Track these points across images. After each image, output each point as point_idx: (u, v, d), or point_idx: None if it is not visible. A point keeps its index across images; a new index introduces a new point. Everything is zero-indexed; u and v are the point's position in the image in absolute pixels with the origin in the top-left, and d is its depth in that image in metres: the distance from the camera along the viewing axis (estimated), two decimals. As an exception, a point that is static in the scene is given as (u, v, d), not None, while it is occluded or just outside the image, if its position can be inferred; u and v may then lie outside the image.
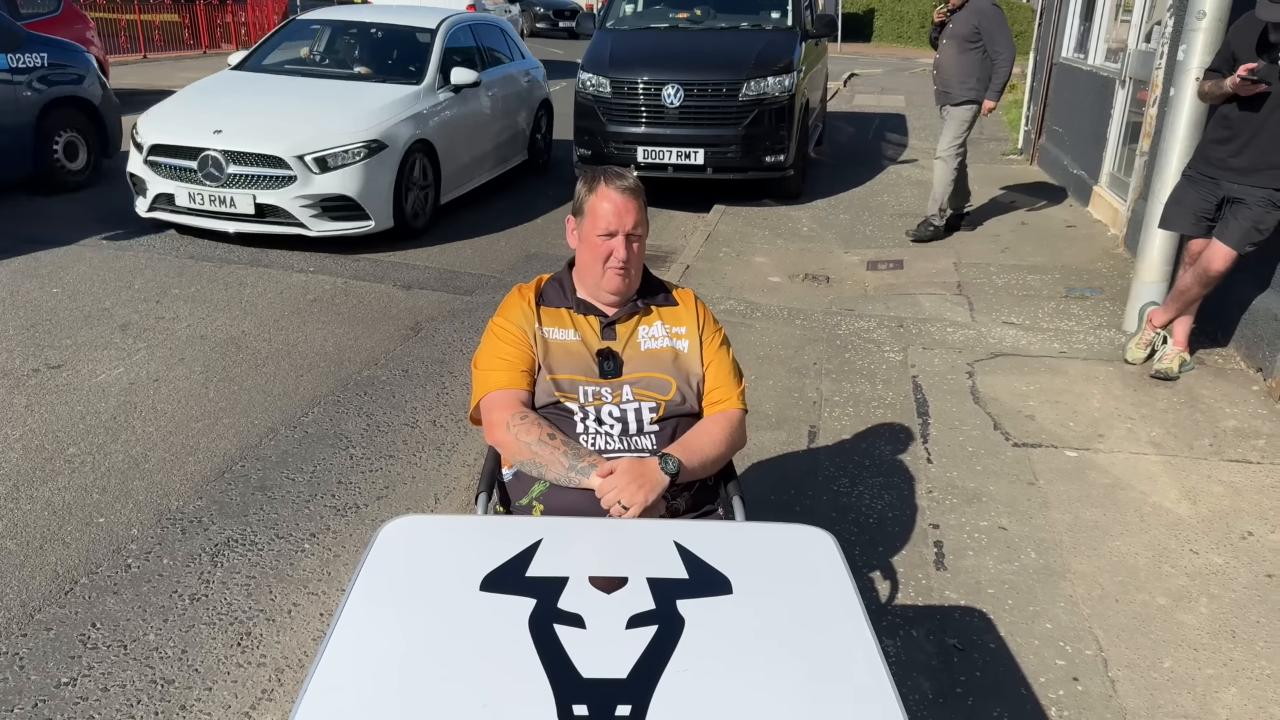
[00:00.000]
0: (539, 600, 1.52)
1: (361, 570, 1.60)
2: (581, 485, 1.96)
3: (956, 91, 6.80)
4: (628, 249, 2.12)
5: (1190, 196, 4.32)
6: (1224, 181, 4.15)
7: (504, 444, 2.07)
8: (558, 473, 1.99)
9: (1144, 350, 4.60)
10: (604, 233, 2.11)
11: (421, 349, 4.81)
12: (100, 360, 4.46)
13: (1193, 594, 2.93)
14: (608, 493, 1.92)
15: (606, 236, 2.11)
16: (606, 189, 2.12)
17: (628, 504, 1.90)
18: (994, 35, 6.58)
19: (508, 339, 2.15)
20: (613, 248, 2.11)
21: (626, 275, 2.14)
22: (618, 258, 2.11)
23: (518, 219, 7.52)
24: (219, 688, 2.51)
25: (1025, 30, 23.20)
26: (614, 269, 2.12)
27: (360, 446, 3.81)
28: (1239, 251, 4.12)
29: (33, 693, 2.45)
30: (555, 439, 2.01)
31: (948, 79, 6.85)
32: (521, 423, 2.04)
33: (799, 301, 5.60)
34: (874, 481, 3.57)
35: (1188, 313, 4.44)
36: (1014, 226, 7.41)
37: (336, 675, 1.36)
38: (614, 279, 2.14)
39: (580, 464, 1.97)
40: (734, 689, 1.36)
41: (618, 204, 2.11)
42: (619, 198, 2.11)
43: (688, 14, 8.67)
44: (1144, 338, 4.60)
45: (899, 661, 2.61)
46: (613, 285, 2.15)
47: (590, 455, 2.00)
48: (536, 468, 2.02)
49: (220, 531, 3.19)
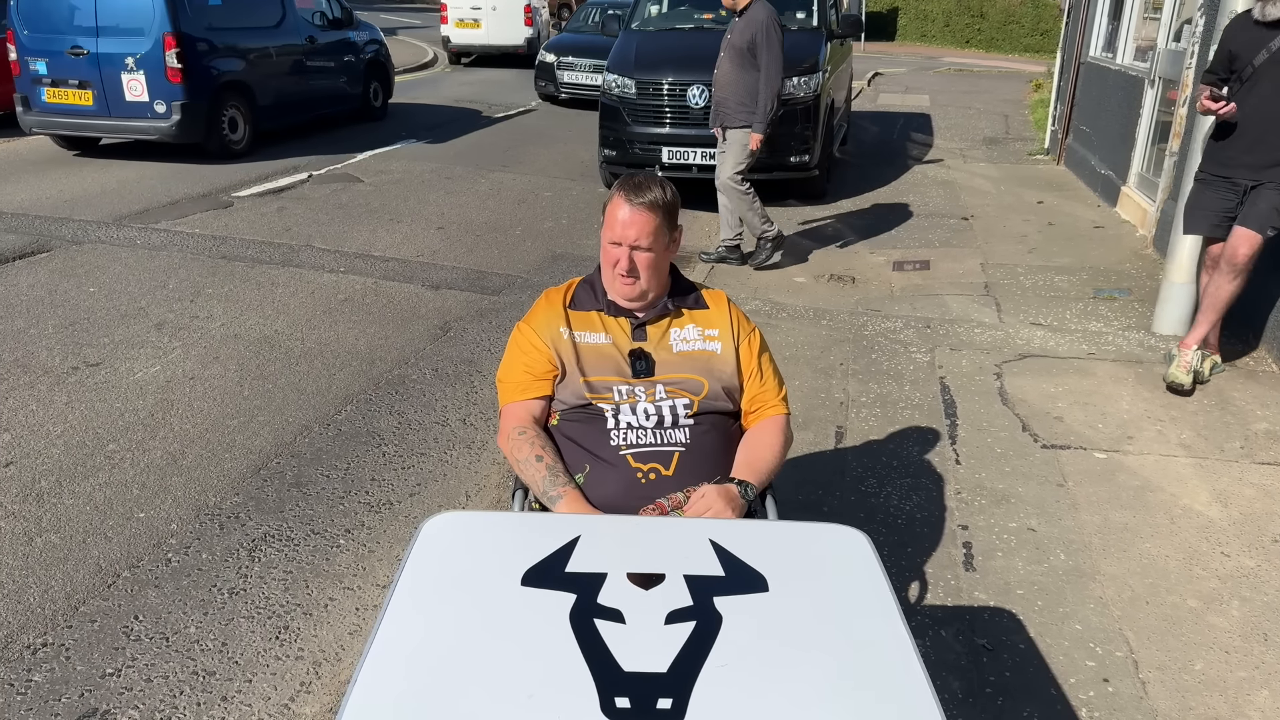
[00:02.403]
0: (579, 595, 1.55)
1: (406, 565, 1.64)
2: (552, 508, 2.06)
3: (734, 114, 5.92)
4: (631, 260, 2.14)
5: (1207, 198, 4.29)
6: (1238, 178, 4.15)
7: (505, 453, 2.20)
8: (536, 491, 2.10)
9: (1188, 373, 4.29)
10: (613, 240, 2.16)
11: (451, 348, 4.87)
12: (137, 358, 4.54)
13: (1224, 596, 2.92)
14: (703, 512, 1.98)
15: (614, 244, 2.16)
16: (622, 199, 2.16)
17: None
18: (760, 50, 5.74)
19: (525, 348, 2.21)
20: (618, 256, 2.15)
21: (634, 283, 2.17)
22: (621, 266, 2.15)
23: (542, 220, 7.57)
24: (258, 680, 2.57)
25: (1052, 29, 23.03)
26: (619, 275, 2.16)
27: (392, 444, 3.86)
28: (1262, 235, 4.09)
29: (79, 683, 2.52)
30: (541, 461, 2.09)
31: (725, 97, 5.96)
32: (519, 439, 2.14)
33: (825, 302, 5.61)
34: (902, 482, 3.58)
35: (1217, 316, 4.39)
36: (1041, 227, 7.37)
37: (385, 666, 1.40)
38: (619, 285, 2.18)
39: (553, 491, 2.05)
40: (773, 685, 1.38)
41: (627, 216, 2.14)
42: (630, 210, 2.14)
43: (713, 15, 8.68)
44: (1184, 361, 4.31)
45: (929, 662, 2.59)
46: (617, 291, 2.20)
47: (564, 486, 2.05)
48: (522, 478, 2.15)
49: (257, 527, 3.25)
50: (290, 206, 7.53)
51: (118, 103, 8.45)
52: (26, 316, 4.99)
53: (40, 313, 5.05)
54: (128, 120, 8.55)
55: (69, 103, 8.52)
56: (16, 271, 5.70)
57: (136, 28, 8.28)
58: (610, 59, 8.13)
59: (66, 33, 8.35)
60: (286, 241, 6.53)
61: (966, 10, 29.16)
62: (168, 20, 8.18)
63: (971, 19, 29.16)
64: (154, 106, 8.43)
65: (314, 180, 8.49)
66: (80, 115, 8.58)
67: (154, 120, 8.48)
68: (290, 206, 7.53)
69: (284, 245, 6.43)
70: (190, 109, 8.46)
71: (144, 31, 8.26)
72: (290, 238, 6.63)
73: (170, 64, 8.27)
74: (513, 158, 9.92)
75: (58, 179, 8.06)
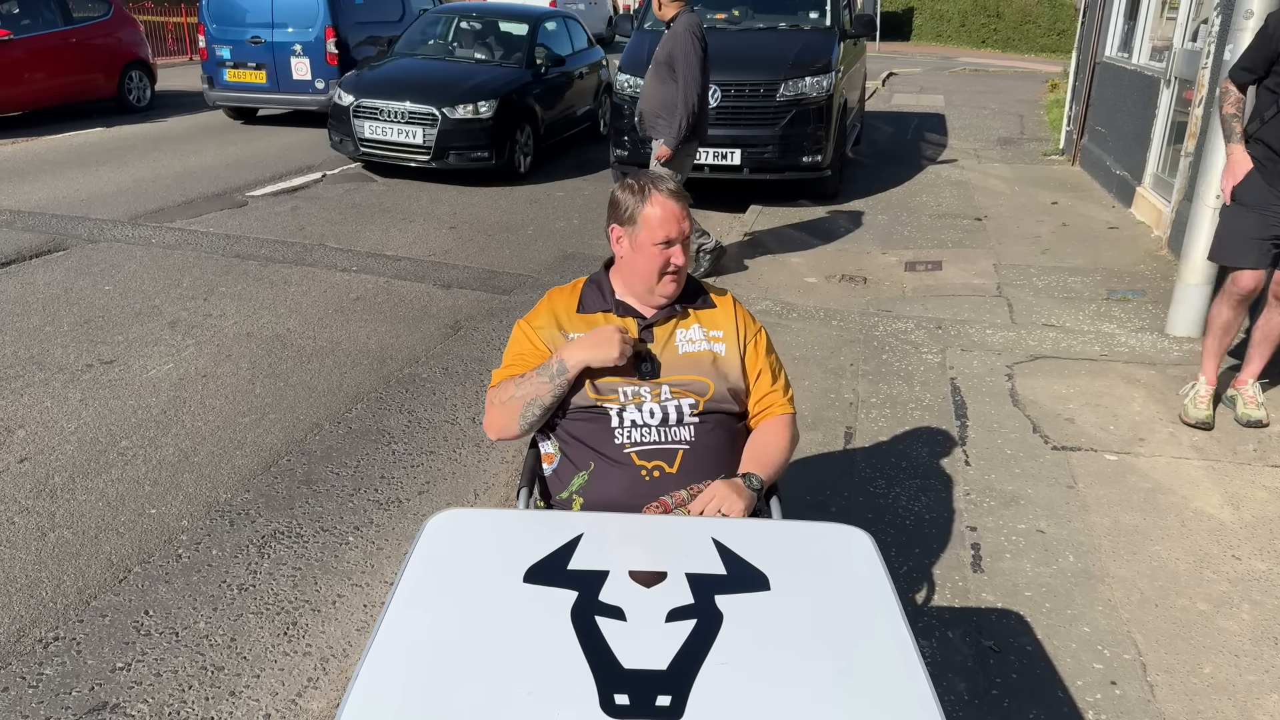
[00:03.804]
0: (580, 593, 1.56)
1: (409, 561, 1.65)
2: (567, 378, 2.06)
3: (655, 126, 5.66)
4: (685, 254, 2.15)
5: (1250, 223, 3.80)
6: None
7: (495, 420, 2.16)
8: (543, 390, 2.09)
9: (1258, 406, 4.01)
10: (662, 241, 2.13)
11: (461, 347, 4.88)
12: (151, 356, 4.58)
13: (1234, 600, 2.90)
14: (709, 502, 1.98)
15: (665, 245, 2.13)
16: (659, 196, 2.14)
17: (728, 511, 1.97)
18: (676, 63, 5.45)
19: (523, 349, 2.21)
20: (670, 255, 2.13)
21: (680, 280, 2.18)
22: (675, 264, 2.14)
23: (554, 220, 7.58)
24: (266, 675, 2.58)
25: (1069, 29, 22.90)
26: (671, 276, 2.15)
27: (402, 442, 3.88)
28: None
29: (89, 676, 2.54)
30: (525, 377, 2.11)
31: (646, 109, 5.71)
32: (497, 391, 2.16)
33: (836, 302, 5.59)
34: (911, 483, 3.56)
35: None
36: (1055, 228, 7.33)
37: (387, 661, 1.41)
38: (670, 285, 2.17)
39: (551, 368, 2.08)
40: (772, 683, 1.38)
41: (672, 211, 2.13)
42: (672, 204, 2.14)
43: (725, 15, 8.68)
44: (1248, 397, 4.04)
45: (934, 662, 2.61)
46: (670, 291, 2.18)
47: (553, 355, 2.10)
48: (529, 406, 2.10)
49: (267, 524, 3.28)
50: (304, 206, 7.58)
51: (286, 81, 10.86)
52: (42, 314, 5.04)
53: (56, 310, 5.10)
54: (293, 95, 10.94)
55: (246, 81, 10.96)
56: (33, 270, 5.76)
57: (304, 22, 10.72)
58: (622, 59, 8.15)
59: (247, 25, 10.79)
60: (300, 240, 6.57)
61: (982, 10, 29.02)
62: (329, 16, 10.67)
63: (987, 19, 29.02)
64: (314, 84, 10.81)
65: (328, 180, 8.54)
66: (255, 91, 11.02)
67: (314, 94, 10.83)
68: (304, 206, 7.58)
69: (297, 244, 6.47)
70: None
71: (310, 25, 10.71)
72: (303, 237, 6.67)
73: (329, 50, 10.74)
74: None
75: (75, 178, 8.14)
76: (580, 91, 10.67)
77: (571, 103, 10.36)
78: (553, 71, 9.83)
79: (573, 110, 10.43)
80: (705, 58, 5.54)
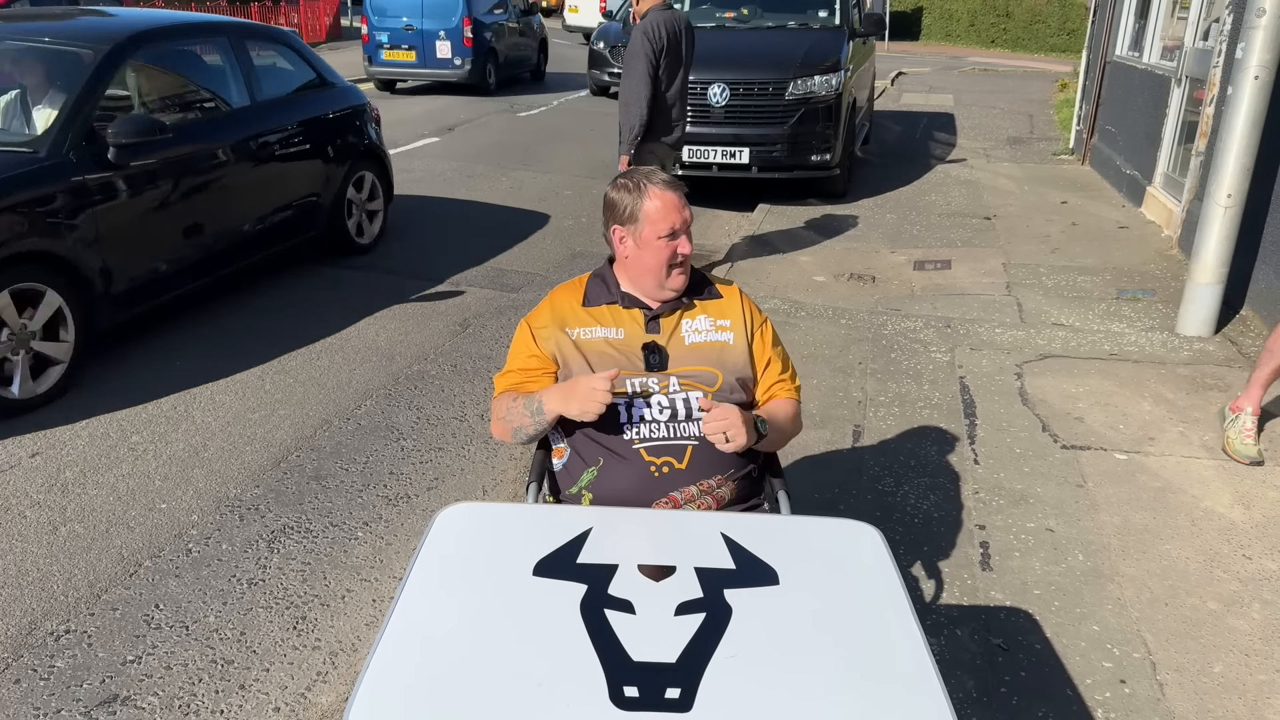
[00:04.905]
0: (590, 586, 1.56)
1: (419, 554, 1.66)
2: (545, 420, 2.09)
3: (621, 130, 5.39)
4: (690, 243, 2.15)
5: None
6: None
7: (496, 430, 2.23)
8: (525, 422, 2.12)
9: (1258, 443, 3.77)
10: (667, 233, 2.13)
11: (469, 344, 4.89)
12: (161, 350, 4.59)
13: (1245, 599, 2.89)
14: (719, 420, 1.98)
15: (670, 237, 2.13)
16: (655, 189, 2.14)
17: (732, 436, 1.98)
18: (627, 62, 5.21)
19: (525, 353, 2.22)
20: (676, 246, 2.14)
21: (688, 271, 2.19)
22: (682, 254, 2.14)
23: (562, 218, 7.59)
24: (276, 669, 2.59)
25: (1079, 28, 22.82)
26: (679, 268, 2.16)
27: (411, 439, 3.89)
28: None
29: (100, 669, 2.56)
30: (516, 400, 2.14)
31: (620, 103, 5.40)
32: (496, 404, 2.19)
33: (844, 301, 5.59)
34: (919, 481, 3.56)
35: None
36: (1064, 227, 7.31)
37: (398, 652, 1.42)
38: (679, 278, 2.18)
39: (534, 404, 2.10)
40: (781, 677, 1.39)
41: (671, 201, 2.14)
42: (670, 194, 2.14)
43: (734, 13, 8.67)
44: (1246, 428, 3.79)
45: (943, 660, 2.61)
46: (679, 284, 2.18)
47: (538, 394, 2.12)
48: (517, 432, 2.16)
49: (276, 519, 3.29)
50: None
51: (431, 59, 14.44)
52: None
53: (67, 307, 5.12)
54: (437, 70, 14.49)
55: (399, 59, 14.61)
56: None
57: (447, 12, 14.32)
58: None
59: (402, 15, 14.37)
60: (309, 238, 6.58)
61: (992, 10, 28.92)
62: (467, 9, 14.30)
63: (997, 18, 28.92)
64: (454, 61, 14.42)
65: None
66: (406, 67, 14.68)
67: (453, 70, 14.46)
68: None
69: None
70: (475, 62, 14.49)
71: (452, 15, 14.30)
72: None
73: (466, 35, 14.31)
74: (533, 156, 9.95)
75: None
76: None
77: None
78: None
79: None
80: (673, 55, 5.21)
